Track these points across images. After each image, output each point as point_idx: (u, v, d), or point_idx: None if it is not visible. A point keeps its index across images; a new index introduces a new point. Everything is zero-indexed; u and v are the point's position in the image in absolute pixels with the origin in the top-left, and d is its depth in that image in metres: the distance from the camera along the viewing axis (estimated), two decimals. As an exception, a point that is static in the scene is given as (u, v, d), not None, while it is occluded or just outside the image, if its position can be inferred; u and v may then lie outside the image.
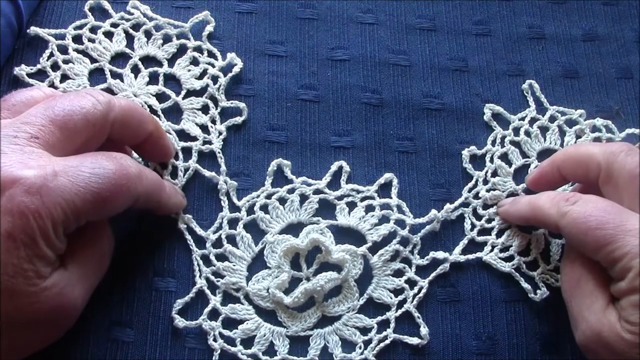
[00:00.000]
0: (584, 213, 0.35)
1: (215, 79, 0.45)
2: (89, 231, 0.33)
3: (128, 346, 0.39)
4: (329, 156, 0.45)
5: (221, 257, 0.41)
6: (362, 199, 0.43)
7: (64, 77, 0.44)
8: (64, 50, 0.45)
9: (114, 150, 0.35)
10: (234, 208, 0.43)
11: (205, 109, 0.45)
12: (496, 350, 0.41)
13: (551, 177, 0.42)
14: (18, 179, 0.29)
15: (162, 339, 0.39)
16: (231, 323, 0.40)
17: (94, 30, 0.46)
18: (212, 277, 0.41)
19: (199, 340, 0.39)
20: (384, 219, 0.43)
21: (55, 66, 0.44)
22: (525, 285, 0.42)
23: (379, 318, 0.41)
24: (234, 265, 0.41)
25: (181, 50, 0.46)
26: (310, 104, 0.46)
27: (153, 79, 0.45)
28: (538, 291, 0.42)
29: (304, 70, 0.46)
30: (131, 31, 0.46)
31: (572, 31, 0.50)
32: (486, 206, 0.44)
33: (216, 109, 0.45)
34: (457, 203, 0.44)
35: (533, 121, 0.47)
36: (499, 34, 0.49)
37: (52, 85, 0.44)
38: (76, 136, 0.33)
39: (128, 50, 0.45)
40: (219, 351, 0.39)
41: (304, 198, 0.43)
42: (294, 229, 0.42)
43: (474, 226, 0.44)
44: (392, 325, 0.41)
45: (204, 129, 0.44)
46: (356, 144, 0.45)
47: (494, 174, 0.45)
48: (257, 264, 0.42)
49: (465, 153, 0.45)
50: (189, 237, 0.41)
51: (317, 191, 0.43)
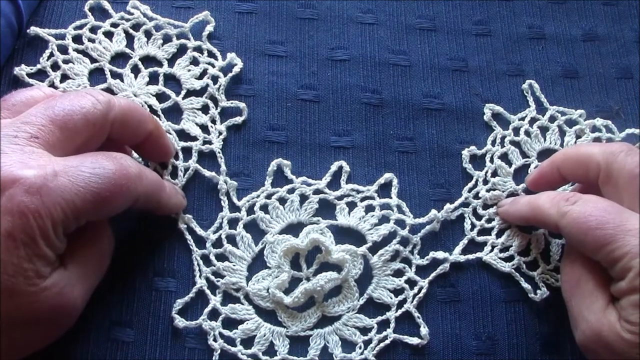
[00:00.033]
0: (584, 213, 0.35)
1: (215, 79, 0.45)
2: (89, 231, 0.33)
3: (128, 346, 0.39)
4: (329, 156, 0.45)
5: (221, 257, 0.41)
6: (362, 199, 0.43)
7: (64, 77, 0.44)
8: (64, 50, 0.45)
9: (114, 150, 0.35)
10: (234, 208, 0.43)
11: (205, 109, 0.45)
12: (496, 350, 0.41)
13: (551, 177, 0.42)
14: (18, 178, 0.29)
15: (162, 339, 0.39)
16: (231, 323, 0.40)
17: (94, 30, 0.46)
18: (212, 277, 0.41)
19: (199, 340, 0.39)
20: (384, 219, 0.43)
21: (55, 66, 0.44)
22: (525, 285, 0.42)
23: (379, 318, 0.41)
24: (234, 265, 0.41)
25: (181, 50, 0.46)
26: (310, 104, 0.46)
27: (153, 79, 0.45)
28: (538, 291, 0.42)
29: (304, 70, 0.46)
30: (131, 31, 0.46)
31: (572, 31, 0.50)
32: (486, 206, 0.44)
33: (216, 109, 0.45)
34: (457, 203, 0.44)
35: (533, 121, 0.47)
36: (499, 34, 0.49)
37: (52, 85, 0.43)
38: (76, 136, 0.33)
39: (128, 50, 0.45)
40: (219, 351, 0.39)
41: (304, 198, 0.43)
42: (294, 229, 0.42)
43: (474, 226, 0.44)
44: (392, 325, 0.40)
45: (204, 129, 0.44)
46: (356, 144, 0.45)
47: (494, 174, 0.45)
48: (257, 264, 0.42)
49: (465, 153, 0.45)
50: (189, 237, 0.41)
51: (317, 191, 0.43)
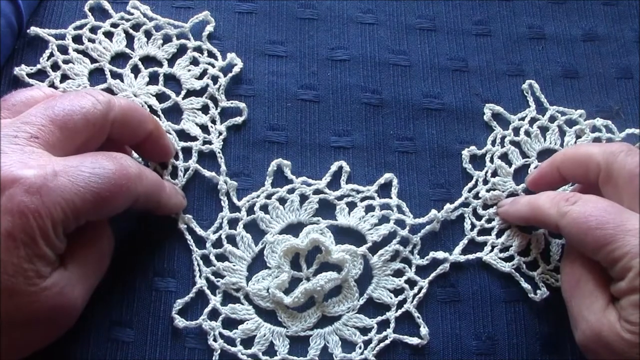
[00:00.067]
0: (583, 213, 0.35)
1: (215, 79, 0.45)
2: (89, 231, 0.33)
3: (128, 346, 0.39)
4: (329, 156, 0.44)
5: (221, 257, 0.41)
6: (362, 199, 0.43)
7: (64, 77, 0.44)
8: (64, 50, 0.45)
9: (114, 150, 0.35)
10: (234, 208, 0.43)
11: (205, 109, 0.45)
12: (496, 350, 0.41)
13: (551, 177, 0.42)
14: (18, 178, 0.29)
15: (162, 339, 0.39)
16: (231, 323, 0.40)
17: (94, 30, 0.46)
18: (212, 277, 0.41)
19: (199, 340, 0.39)
20: (384, 219, 0.43)
21: (55, 66, 0.44)
22: (525, 285, 0.42)
23: (379, 318, 0.41)
24: (234, 265, 0.41)
25: (181, 50, 0.46)
26: (310, 104, 0.46)
27: (153, 79, 0.45)
28: (538, 291, 0.42)
29: (304, 70, 0.46)
30: (131, 31, 0.46)
31: (572, 31, 0.50)
32: (486, 206, 0.44)
33: (216, 109, 0.45)
34: (457, 203, 0.44)
35: (533, 121, 0.47)
36: (499, 34, 0.49)
37: (52, 85, 0.43)
38: (76, 136, 0.33)
39: (128, 51, 0.45)
40: (219, 351, 0.39)
41: (304, 198, 0.43)
42: (294, 229, 0.42)
43: (474, 226, 0.44)
44: (392, 325, 0.40)
45: (204, 129, 0.44)
46: (356, 144, 0.45)
47: (494, 174, 0.45)
48: (257, 264, 0.42)
49: (465, 153, 0.45)
50: (189, 237, 0.41)
51: (317, 191, 0.43)
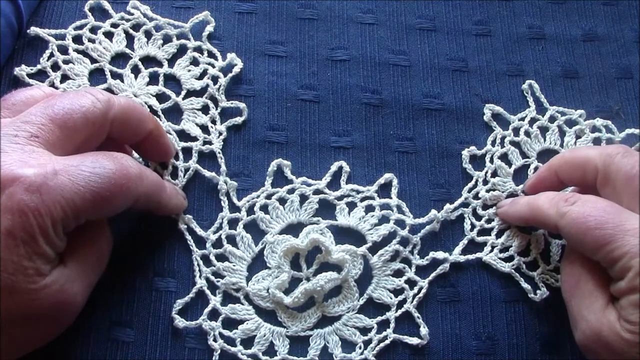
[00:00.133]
0: (583, 213, 0.35)
1: (215, 79, 0.45)
2: (88, 230, 0.33)
3: (128, 346, 0.39)
4: (329, 156, 0.44)
5: (221, 257, 0.41)
6: (362, 199, 0.43)
7: (64, 78, 0.44)
8: (64, 50, 0.45)
9: (114, 149, 0.35)
10: (234, 208, 0.43)
11: (205, 109, 0.45)
12: (496, 350, 0.41)
13: (549, 182, 0.42)
14: (18, 177, 0.29)
15: (162, 339, 0.39)
16: (231, 323, 0.40)
17: (94, 30, 0.46)
18: (212, 277, 0.41)
19: (199, 340, 0.39)
20: (383, 219, 0.43)
21: (55, 66, 0.44)
22: (525, 285, 0.42)
23: (379, 318, 0.41)
24: (234, 266, 0.41)
25: (181, 51, 0.46)
26: (310, 104, 0.46)
27: (153, 79, 0.45)
28: (538, 291, 0.42)
29: (304, 70, 0.47)
30: (131, 31, 0.46)
31: (572, 31, 0.50)
32: (486, 206, 0.44)
33: (216, 109, 0.45)
34: (457, 203, 0.44)
35: (533, 121, 0.47)
36: (499, 34, 0.49)
37: (52, 85, 0.43)
38: (76, 135, 0.33)
39: (128, 51, 0.45)
40: (219, 351, 0.39)
41: (304, 198, 0.43)
42: (294, 229, 0.42)
43: (473, 226, 0.44)
44: (392, 325, 0.40)
45: (204, 129, 0.44)
46: (356, 144, 0.45)
47: (494, 174, 0.45)
48: (257, 264, 0.42)
49: (465, 153, 0.45)
50: (189, 237, 0.41)
51: (317, 191, 0.43)
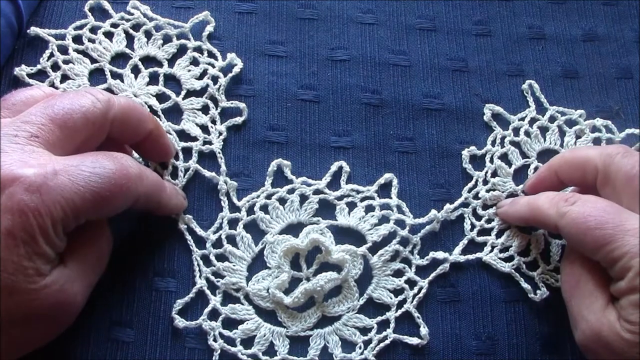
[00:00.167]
0: (583, 213, 0.35)
1: (215, 79, 0.45)
2: (88, 230, 0.33)
3: (128, 346, 0.39)
4: (329, 156, 0.44)
5: (221, 257, 0.41)
6: (362, 199, 0.43)
7: (64, 78, 0.44)
8: (64, 50, 0.45)
9: (114, 149, 0.35)
10: (234, 208, 0.43)
11: (205, 109, 0.45)
12: (496, 350, 0.41)
13: (549, 182, 0.42)
14: (18, 177, 0.29)
15: (162, 339, 0.39)
16: (231, 323, 0.40)
17: (94, 30, 0.46)
18: (212, 277, 0.41)
19: (199, 340, 0.39)
20: (383, 219, 0.43)
21: (55, 66, 0.44)
22: (525, 285, 0.42)
23: (379, 318, 0.41)
24: (234, 266, 0.41)
25: (181, 51, 0.46)
26: (310, 104, 0.46)
27: (153, 79, 0.45)
28: (538, 291, 0.42)
29: (304, 70, 0.47)
30: (131, 31, 0.46)
31: (572, 31, 0.50)
32: (486, 206, 0.44)
33: (216, 109, 0.45)
34: (457, 203, 0.44)
35: (533, 121, 0.47)
36: (499, 34, 0.49)
37: (52, 85, 0.43)
38: (76, 135, 0.33)
39: (128, 51, 0.45)
40: (219, 351, 0.39)
41: (304, 198, 0.43)
42: (294, 229, 0.42)
43: (473, 226, 0.44)
44: (392, 325, 0.40)
45: (204, 129, 0.44)
46: (356, 144, 0.45)
47: (494, 174, 0.45)
48: (257, 264, 0.42)
49: (465, 153, 0.45)
50: (189, 237, 0.41)
51: (317, 191, 0.43)
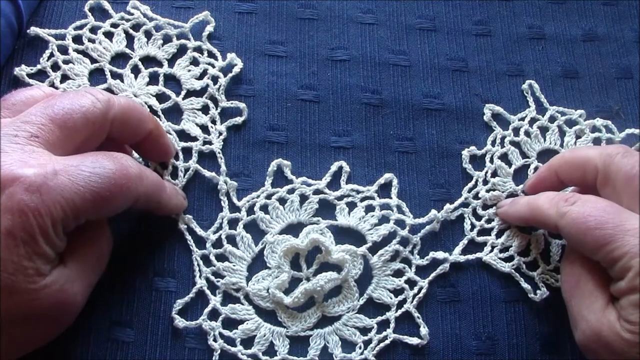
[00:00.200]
0: (583, 213, 0.35)
1: (215, 79, 0.45)
2: (88, 230, 0.33)
3: (128, 346, 0.39)
4: (329, 156, 0.44)
5: (221, 258, 0.41)
6: (362, 199, 0.43)
7: (64, 78, 0.44)
8: (64, 50, 0.45)
9: (114, 149, 0.35)
10: (234, 208, 0.43)
11: (205, 109, 0.45)
12: (496, 350, 0.41)
13: (549, 182, 0.42)
14: (18, 177, 0.29)
15: (162, 339, 0.39)
16: (231, 323, 0.40)
17: (94, 30, 0.46)
18: (212, 277, 0.41)
19: (199, 340, 0.39)
20: (383, 219, 0.43)
21: (55, 66, 0.44)
22: (525, 285, 0.42)
23: (379, 318, 0.41)
24: (234, 266, 0.41)
25: (181, 51, 0.46)
26: (310, 104, 0.46)
27: (153, 79, 0.45)
28: (538, 291, 0.42)
29: (304, 70, 0.47)
30: (131, 31, 0.46)
31: (572, 31, 0.50)
32: (486, 206, 0.44)
33: (216, 109, 0.45)
34: (457, 203, 0.44)
35: (533, 121, 0.47)
36: (499, 34, 0.49)
37: (52, 85, 0.43)
38: (76, 135, 0.33)
39: (128, 51, 0.45)
40: (219, 351, 0.39)
41: (304, 198, 0.43)
42: (294, 229, 0.42)
43: (473, 226, 0.44)
44: (392, 325, 0.40)
45: (204, 129, 0.44)
46: (356, 144, 0.45)
47: (494, 174, 0.45)
48: (257, 264, 0.42)
49: (465, 153, 0.45)
50: (189, 237, 0.41)
51: (317, 191, 0.43)
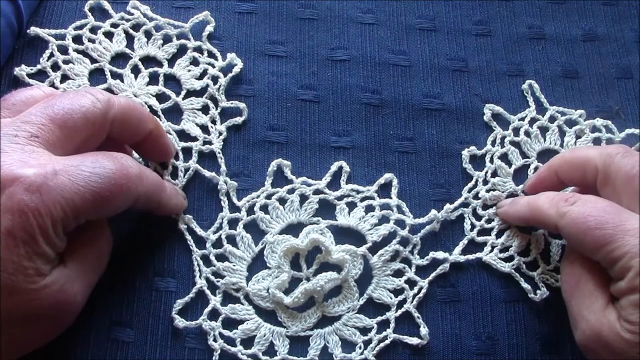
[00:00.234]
0: (583, 213, 0.35)
1: (215, 79, 0.45)
2: (88, 230, 0.33)
3: (128, 346, 0.39)
4: (329, 156, 0.44)
5: (221, 258, 0.41)
6: (362, 199, 0.43)
7: (64, 78, 0.44)
8: (64, 50, 0.45)
9: (114, 149, 0.35)
10: (234, 208, 0.43)
11: (205, 109, 0.45)
12: (496, 350, 0.41)
13: (549, 182, 0.42)
14: (18, 177, 0.29)
15: (162, 339, 0.39)
16: (231, 323, 0.40)
17: (94, 30, 0.46)
18: (212, 277, 0.41)
19: (199, 340, 0.39)
20: (383, 219, 0.43)
21: (55, 66, 0.44)
22: (525, 285, 0.42)
23: (379, 318, 0.41)
24: (234, 266, 0.41)
25: (181, 51, 0.46)
26: (310, 104, 0.46)
27: (153, 79, 0.45)
28: (538, 291, 0.42)
29: (304, 70, 0.47)
30: (131, 31, 0.46)
31: (572, 31, 0.50)
32: (486, 206, 0.44)
33: (216, 109, 0.45)
34: (457, 203, 0.44)
35: (533, 121, 0.47)
36: (499, 34, 0.49)
37: (52, 85, 0.43)
38: (76, 135, 0.33)
39: (128, 51, 0.45)
40: (219, 351, 0.39)
41: (304, 198, 0.43)
42: (294, 229, 0.42)
43: (473, 226, 0.44)
44: (392, 325, 0.40)
45: (204, 129, 0.44)
46: (356, 144, 0.45)
47: (494, 174, 0.45)
48: (257, 264, 0.42)
49: (465, 153, 0.45)
50: (189, 237, 0.41)
51: (317, 191, 0.43)
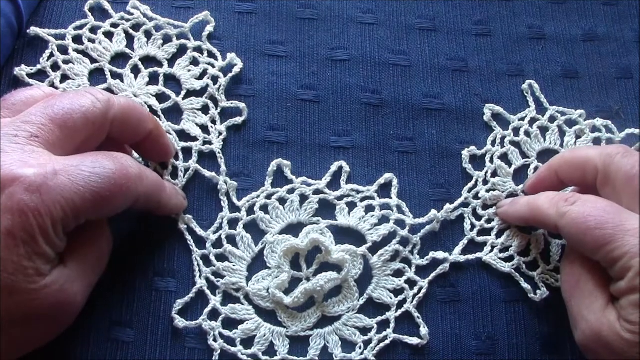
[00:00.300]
0: (583, 213, 0.35)
1: (215, 79, 0.45)
2: (88, 230, 0.33)
3: (128, 346, 0.39)
4: (329, 156, 0.44)
5: (221, 257, 0.41)
6: (362, 199, 0.43)
7: (64, 78, 0.44)
8: (64, 50, 0.45)
9: (114, 149, 0.35)
10: (234, 208, 0.43)
11: (205, 109, 0.45)
12: (496, 350, 0.41)
13: (549, 182, 0.42)
14: (18, 177, 0.29)
15: (162, 339, 0.39)
16: (231, 323, 0.40)
17: (94, 30, 0.46)
18: (212, 277, 0.41)
19: (199, 340, 0.39)
20: (383, 219, 0.43)
21: (55, 66, 0.44)
22: (525, 285, 0.42)
23: (379, 318, 0.41)
24: (234, 266, 0.41)
25: (181, 51, 0.46)
26: (310, 104, 0.46)
27: (153, 79, 0.45)
28: (538, 291, 0.42)
29: (304, 70, 0.47)
30: (131, 31, 0.46)
31: (572, 31, 0.50)
32: (486, 206, 0.44)
33: (216, 109, 0.45)
34: (457, 203, 0.44)
35: (533, 121, 0.47)
36: (499, 34, 0.49)
37: (52, 85, 0.43)
38: (76, 135, 0.33)
39: (128, 51, 0.45)
40: (219, 351, 0.39)
41: (304, 198, 0.43)
42: (294, 229, 0.42)
43: (473, 226, 0.44)
44: (392, 325, 0.40)
45: (204, 129, 0.44)
46: (356, 144, 0.45)
47: (494, 174, 0.45)
48: (257, 264, 0.42)
49: (465, 153, 0.45)
50: (189, 237, 0.41)
51: (317, 191, 0.43)
